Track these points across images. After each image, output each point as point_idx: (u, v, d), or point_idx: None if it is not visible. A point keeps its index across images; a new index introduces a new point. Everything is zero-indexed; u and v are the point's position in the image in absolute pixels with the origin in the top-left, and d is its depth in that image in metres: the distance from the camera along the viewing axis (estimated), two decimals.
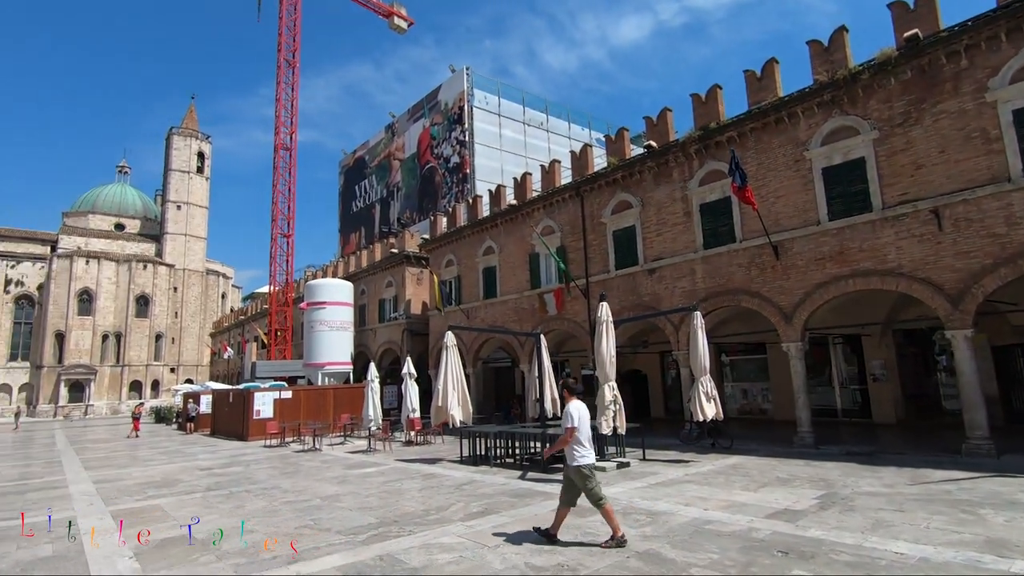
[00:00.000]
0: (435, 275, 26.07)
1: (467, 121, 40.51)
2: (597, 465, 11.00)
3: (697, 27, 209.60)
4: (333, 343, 30.21)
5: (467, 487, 10.11)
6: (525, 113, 43.99)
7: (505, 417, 21.17)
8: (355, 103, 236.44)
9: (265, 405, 21.95)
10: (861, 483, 8.94)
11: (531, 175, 23.36)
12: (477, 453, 13.36)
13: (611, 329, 11.19)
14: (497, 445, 13.54)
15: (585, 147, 21.03)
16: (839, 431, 15.44)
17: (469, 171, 39.76)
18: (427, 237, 29.37)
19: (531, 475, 11.06)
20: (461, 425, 13.82)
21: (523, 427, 14.20)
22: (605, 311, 11.28)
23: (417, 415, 17.75)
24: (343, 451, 16.80)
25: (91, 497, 10.61)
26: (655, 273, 17.23)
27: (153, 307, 62.83)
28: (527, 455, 13.22)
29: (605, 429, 10.65)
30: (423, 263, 30.03)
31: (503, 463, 12.87)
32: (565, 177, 21.91)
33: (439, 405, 13.67)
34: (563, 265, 19.41)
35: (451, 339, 14.31)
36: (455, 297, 25.71)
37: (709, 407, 11.98)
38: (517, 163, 40.04)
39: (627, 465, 11.49)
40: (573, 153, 21.45)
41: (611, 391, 10.84)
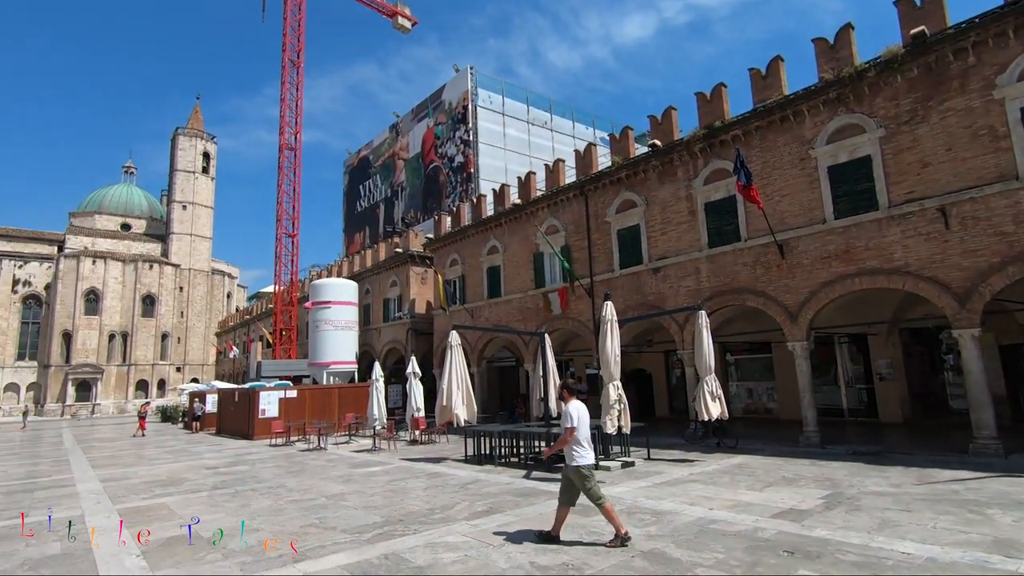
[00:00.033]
0: (439, 274, 26.11)
1: (471, 120, 40.53)
2: (601, 464, 11.15)
3: (701, 25, 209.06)
4: (338, 342, 30.24)
5: (472, 486, 10.13)
6: (529, 112, 43.98)
7: (509, 416, 21.20)
8: (359, 103, 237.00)
9: (270, 404, 22.03)
10: (867, 483, 8.91)
11: (535, 174, 23.34)
12: (481, 452, 13.38)
13: (616, 328, 11.17)
14: (501, 444, 13.56)
15: (589, 146, 21.01)
16: (845, 430, 15.37)
17: (473, 170, 39.79)
18: (431, 236, 29.41)
19: (535, 474, 11.06)
20: (465, 424, 13.85)
21: (527, 426, 14.22)
22: (610, 310, 11.27)
23: (421, 414, 17.79)
24: (348, 450, 16.85)
25: (98, 495, 10.68)
26: (660, 272, 17.20)
27: (159, 307, 63.20)
28: (531, 454, 13.22)
29: (610, 428, 10.64)
30: (427, 262, 30.07)
31: (507, 462, 12.87)
32: (569, 176, 21.88)
33: (443, 404, 13.71)
34: (567, 264, 19.41)
35: (455, 338, 14.35)
36: (459, 296, 25.72)
37: (714, 406, 11.96)
38: (521, 162, 40.04)
39: (632, 464, 11.49)
40: (577, 152, 21.42)
41: (616, 390, 10.83)
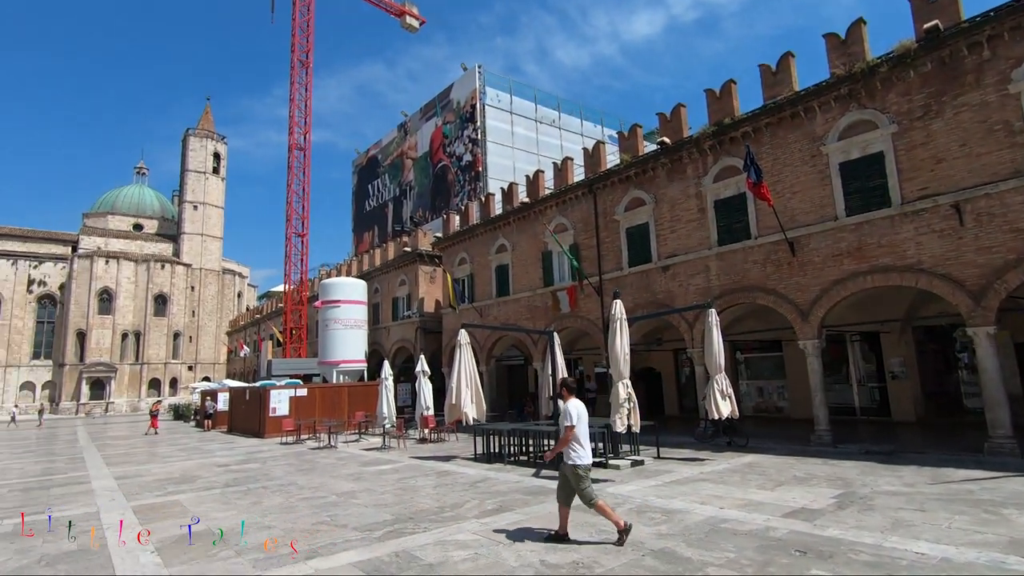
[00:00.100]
0: (448, 273, 26.16)
1: (479, 119, 40.54)
2: (610, 463, 11.14)
3: (710, 22, 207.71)
4: (347, 341, 30.45)
5: (481, 484, 10.15)
6: (537, 111, 43.91)
7: (518, 415, 21.20)
8: (367, 103, 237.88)
9: (281, 403, 22.20)
10: (880, 482, 8.83)
11: (544, 173, 23.31)
12: (491, 451, 13.40)
13: (625, 326, 11.14)
14: (511, 443, 13.58)
15: (598, 144, 20.95)
16: (857, 429, 15.24)
17: (481, 169, 39.81)
18: (440, 235, 29.46)
19: (545, 473, 11.06)
20: (475, 423, 13.89)
21: (536, 425, 14.21)
22: (619, 308, 11.24)
23: (431, 413, 17.84)
24: (358, 448, 16.94)
25: (113, 492, 10.83)
26: (669, 270, 17.12)
27: (171, 306, 63.85)
28: (540, 452, 13.22)
29: (619, 427, 10.61)
30: (436, 261, 30.13)
31: (516, 461, 12.89)
32: (578, 174, 21.85)
33: (453, 403, 13.74)
34: (576, 263, 19.37)
35: (464, 337, 14.37)
36: (468, 295, 25.76)
37: (724, 405, 11.89)
38: (529, 161, 39.98)
39: (641, 463, 11.46)
40: (586, 150, 21.36)
41: (625, 389, 10.80)
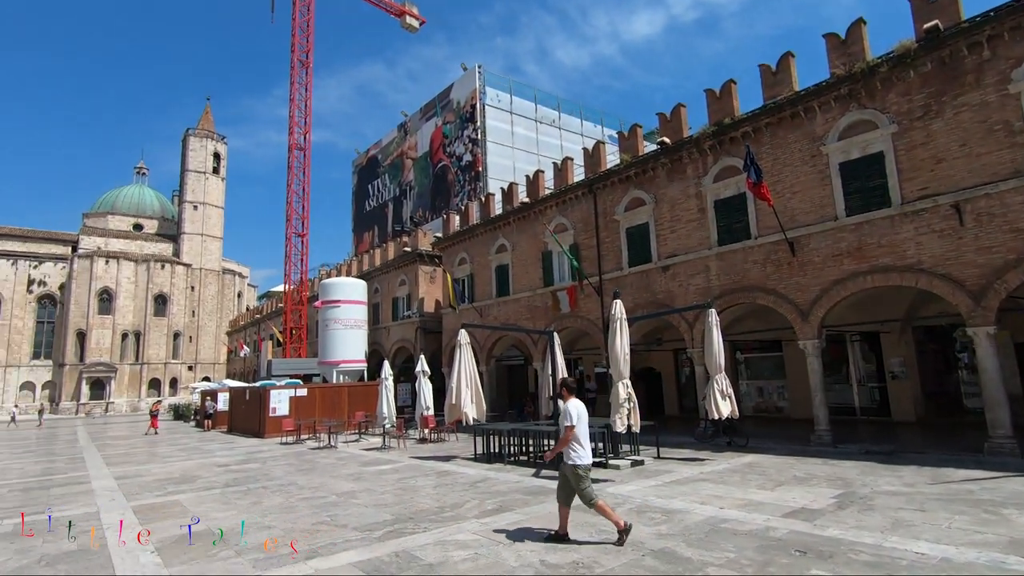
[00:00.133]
0: (448, 273, 26.16)
1: (479, 119, 40.54)
2: (610, 463, 11.13)
3: (710, 22, 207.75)
4: (347, 341, 30.46)
5: (481, 484, 10.15)
6: (537, 111, 43.91)
7: (518, 415, 21.20)
8: (367, 103, 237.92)
9: (281, 403, 22.20)
10: (880, 482, 8.83)
11: (543, 173, 23.31)
12: (491, 451, 13.40)
13: (625, 326, 11.14)
14: (511, 443, 13.58)
15: (598, 144, 20.95)
16: (857, 429, 15.24)
17: (481, 169, 39.81)
18: (440, 235, 29.46)
19: (545, 473, 11.06)
20: (475, 423, 13.89)
21: (536, 425, 14.21)
22: (619, 308, 11.24)
23: (431, 413, 17.84)
24: (358, 448, 16.94)
25: (113, 493, 10.82)
26: (669, 270, 17.12)
27: (171, 306, 63.85)
28: (541, 453, 13.22)
29: (619, 427, 10.61)
30: (436, 261, 30.13)
31: (517, 461, 12.89)
32: (578, 174, 21.84)
33: (453, 403, 13.74)
34: (576, 263, 19.37)
35: (464, 337, 14.37)
36: (468, 295, 25.76)
37: (724, 405, 11.89)
38: (529, 161, 39.99)
39: (641, 463, 11.46)
40: (586, 150, 21.36)
41: (625, 389, 10.80)
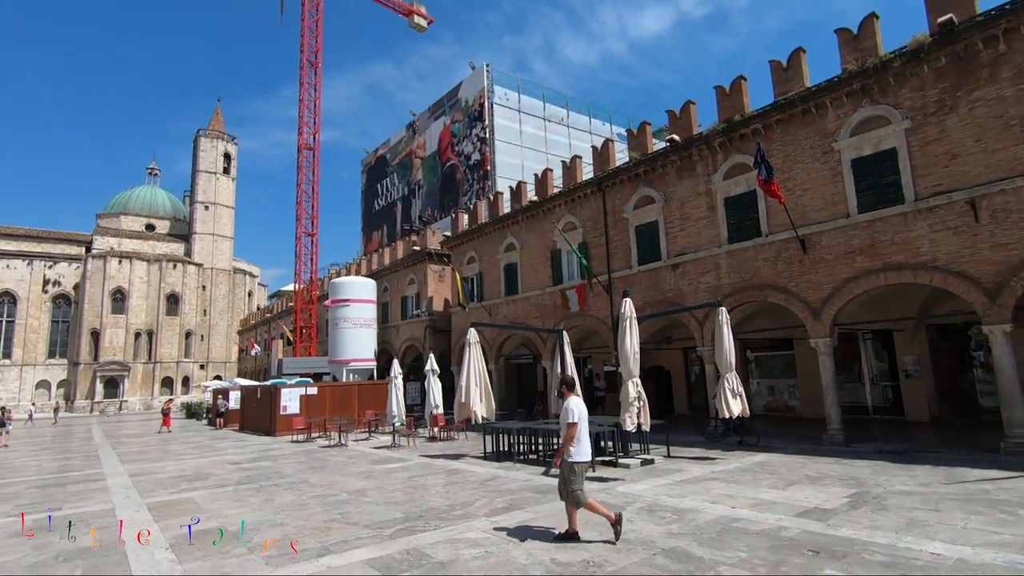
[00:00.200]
0: (457, 272, 26.19)
1: (487, 118, 40.52)
2: (620, 462, 11.11)
3: (719, 17, 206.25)
4: (357, 340, 30.60)
5: (491, 483, 10.17)
6: (545, 109, 43.80)
7: (528, 413, 21.20)
8: (376, 102, 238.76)
9: (291, 401, 22.35)
10: (894, 482, 8.74)
11: (552, 171, 23.27)
12: (500, 449, 13.42)
13: (634, 325, 11.10)
14: (520, 441, 13.58)
15: (606, 142, 20.87)
16: (870, 429, 15.09)
17: (490, 168, 39.80)
18: (449, 234, 29.51)
19: (554, 471, 11.01)
20: (484, 421, 13.90)
21: (545, 423, 14.20)
22: (628, 307, 11.20)
23: (440, 411, 17.87)
24: (368, 447, 17.03)
25: (127, 490, 10.96)
26: (678, 268, 17.04)
27: (183, 305, 64.51)
28: (550, 451, 13.22)
29: (629, 426, 10.59)
30: (445, 260, 30.20)
31: (526, 459, 12.89)
32: (586, 173, 21.78)
33: (462, 401, 13.76)
34: (585, 261, 19.33)
35: (473, 336, 14.39)
36: (477, 294, 25.79)
37: (735, 404, 11.81)
38: (538, 159, 39.91)
39: (651, 462, 11.42)
40: (594, 148, 21.29)
41: (635, 387, 10.77)
